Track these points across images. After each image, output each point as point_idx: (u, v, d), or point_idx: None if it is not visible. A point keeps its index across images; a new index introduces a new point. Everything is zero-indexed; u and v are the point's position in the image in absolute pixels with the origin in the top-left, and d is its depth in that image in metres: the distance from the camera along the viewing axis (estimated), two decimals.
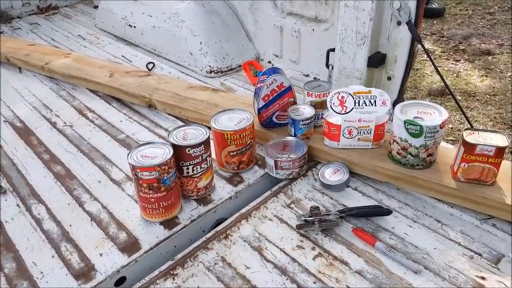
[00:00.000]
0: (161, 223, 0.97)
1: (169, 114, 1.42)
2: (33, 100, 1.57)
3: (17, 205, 1.06)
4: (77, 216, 1.02)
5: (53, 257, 0.91)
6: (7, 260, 0.90)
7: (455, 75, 3.14)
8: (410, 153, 1.01)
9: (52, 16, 2.51)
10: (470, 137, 0.94)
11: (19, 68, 1.81)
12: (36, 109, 1.51)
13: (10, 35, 2.24)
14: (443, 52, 3.50)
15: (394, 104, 1.25)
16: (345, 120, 1.07)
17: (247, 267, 0.87)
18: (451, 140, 2.38)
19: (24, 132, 1.37)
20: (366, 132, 1.08)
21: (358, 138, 1.09)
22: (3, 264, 0.90)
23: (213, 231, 0.96)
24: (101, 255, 0.90)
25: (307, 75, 1.66)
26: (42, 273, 0.87)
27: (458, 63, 3.32)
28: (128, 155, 0.92)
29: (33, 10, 2.57)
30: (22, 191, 1.11)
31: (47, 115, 1.47)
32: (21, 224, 1.00)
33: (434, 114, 1.00)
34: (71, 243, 0.94)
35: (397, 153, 1.03)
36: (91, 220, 1.00)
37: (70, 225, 0.99)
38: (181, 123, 1.34)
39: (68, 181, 1.14)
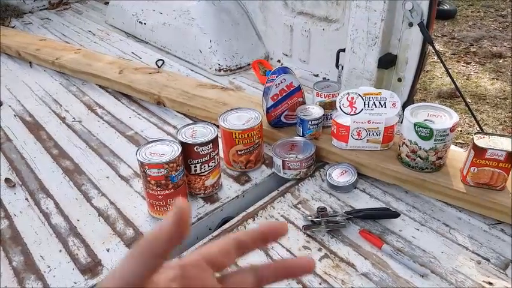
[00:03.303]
0: None
1: (178, 111, 1.42)
2: (43, 95, 1.58)
3: (26, 199, 1.07)
4: (85, 211, 1.03)
5: (60, 251, 0.92)
6: (15, 253, 0.91)
7: (465, 77, 3.11)
8: (419, 156, 1.00)
9: (63, 11, 2.53)
10: (481, 141, 0.94)
11: (30, 62, 1.82)
12: (46, 104, 1.52)
13: (21, 29, 2.26)
14: (454, 54, 3.47)
15: (404, 106, 1.24)
16: (354, 121, 1.07)
17: None
18: (460, 143, 2.36)
19: (34, 127, 1.38)
20: (375, 133, 1.08)
21: (367, 140, 1.09)
22: (11, 257, 0.91)
23: (219, 230, 0.96)
24: (107, 250, 0.91)
25: (317, 75, 1.65)
26: (49, 267, 0.88)
27: (468, 65, 3.29)
28: (137, 151, 0.92)
29: (44, 5, 2.58)
30: (31, 185, 1.12)
31: (57, 110, 1.48)
32: (29, 218, 1.01)
33: (444, 117, 1.00)
34: (78, 238, 0.95)
35: (406, 155, 1.02)
36: (99, 215, 1.01)
37: (78, 220, 1.00)
38: (190, 121, 1.35)
39: (76, 176, 1.14)
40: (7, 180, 1.13)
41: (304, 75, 1.65)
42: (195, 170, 0.99)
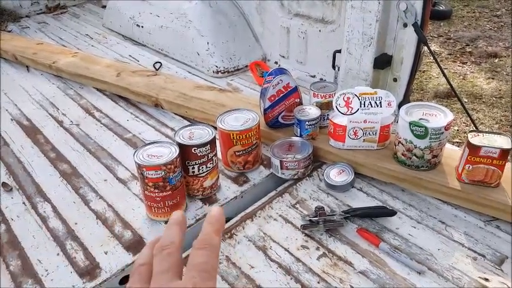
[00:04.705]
0: (166, 222, 0.97)
1: (175, 113, 1.43)
2: (40, 98, 1.58)
3: (23, 203, 1.07)
4: (83, 214, 1.03)
5: (58, 254, 0.92)
6: (12, 258, 0.91)
7: (461, 77, 3.13)
8: (415, 155, 1.01)
9: (60, 15, 2.53)
10: (475, 139, 0.94)
11: (27, 66, 1.82)
12: (43, 107, 1.52)
13: (18, 33, 2.26)
14: (450, 54, 3.49)
15: (400, 106, 1.25)
16: (350, 121, 1.08)
17: (252, 267, 0.87)
18: (457, 142, 2.37)
19: (31, 131, 1.38)
20: (371, 133, 1.08)
21: (364, 139, 1.10)
22: (8, 261, 0.91)
23: None
24: (105, 253, 0.91)
25: (314, 76, 1.66)
26: (47, 270, 0.88)
27: (464, 65, 3.31)
28: (134, 153, 0.93)
29: (41, 9, 2.59)
30: (28, 189, 1.12)
31: (54, 113, 1.48)
32: (26, 222, 1.01)
33: (439, 116, 1.00)
34: (76, 241, 0.95)
35: (402, 154, 1.03)
36: (96, 218, 1.01)
37: (75, 224, 1.00)
38: (188, 123, 1.35)
39: (74, 179, 1.15)
40: (4, 184, 1.13)
41: (301, 76, 1.66)
42: (193, 172, 1.00)
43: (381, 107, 1.07)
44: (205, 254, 0.38)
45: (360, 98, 1.08)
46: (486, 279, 0.82)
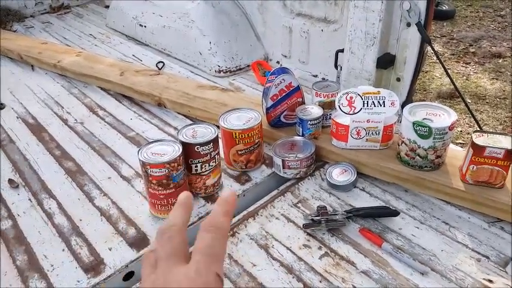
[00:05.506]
0: None
1: (178, 112, 1.43)
2: (45, 97, 1.59)
3: (29, 199, 1.08)
4: (87, 211, 1.04)
5: (63, 250, 0.92)
6: (19, 253, 0.92)
7: (465, 77, 3.12)
8: (418, 155, 1.01)
9: (64, 15, 2.54)
10: (480, 139, 0.94)
11: (32, 65, 1.83)
12: (48, 106, 1.53)
13: (23, 33, 2.27)
14: (453, 54, 3.48)
15: (403, 106, 1.25)
16: (353, 121, 1.08)
17: (254, 265, 0.87)
18: (460, 143, 2.37)
19: (36, 129, 1.39)
20: (374, 133, 1.08)
21: (367, 139, 1.10)
22: (15, 256, 0.91)
23: None
24: (110, 249, 0.92)
25: (316, 76, 1.66)
26: (52, 266, 0.89)
27: (468, 65, 3.30)
28: (138, 151, 0.93)
29: (45, 9, 2.60)
30: (34, 186, 1.13)
31: (59, 112, 1.49)
32: (32, 218, 1.02)
33: (443, 116, 1.00)
34: (81, 237, 0.96)
35: (406, 154, 1.03)
36: (101, 215, 1.02)
37: (80, 220, 1.01)
38: (190, 122, 1.35)
39: (78, 177, 1.15)
40: (10, 181, 1.14)
41: (304, 75, 1.66)
42: (196, 170, 1.00)
43: (384, 106, 1.07)
44: (211, 237, 0.37)
45: (362, 97, 1.08)
46: (490, 281, 0.82)
